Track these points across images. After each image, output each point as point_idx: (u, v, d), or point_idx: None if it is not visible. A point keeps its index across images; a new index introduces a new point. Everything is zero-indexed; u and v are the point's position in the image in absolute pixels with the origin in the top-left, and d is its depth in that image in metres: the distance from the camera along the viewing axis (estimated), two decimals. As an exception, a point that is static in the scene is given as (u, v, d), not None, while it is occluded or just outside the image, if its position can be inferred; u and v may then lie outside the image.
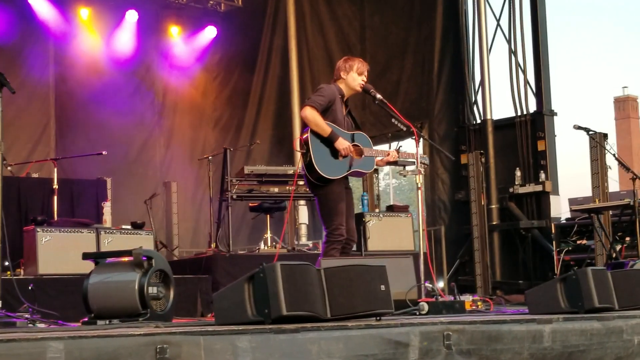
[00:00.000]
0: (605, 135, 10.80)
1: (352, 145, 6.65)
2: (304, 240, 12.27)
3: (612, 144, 10.97)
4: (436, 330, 4.14)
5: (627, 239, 10.19)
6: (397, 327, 4.05)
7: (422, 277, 6.49)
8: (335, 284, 4.29)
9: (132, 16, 14.41)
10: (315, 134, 6.55)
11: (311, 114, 6.51)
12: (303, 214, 12.50)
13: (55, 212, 9.49)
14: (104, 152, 10.26)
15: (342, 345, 3.81)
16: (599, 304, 5.06)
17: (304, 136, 6.61)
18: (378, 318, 4.39)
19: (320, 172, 6.48)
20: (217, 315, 4.34)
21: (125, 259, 5.81)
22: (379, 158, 6.93)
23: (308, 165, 6.53)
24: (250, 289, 4.12)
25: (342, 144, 6.55)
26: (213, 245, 10.52)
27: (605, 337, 4.73)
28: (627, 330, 4.85)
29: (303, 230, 12.49)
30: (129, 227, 9.57)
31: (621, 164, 9.59)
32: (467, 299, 6.66)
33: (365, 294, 4.36)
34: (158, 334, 3.48)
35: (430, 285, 6.76)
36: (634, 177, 9.42)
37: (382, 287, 4.40)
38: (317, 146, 6.54)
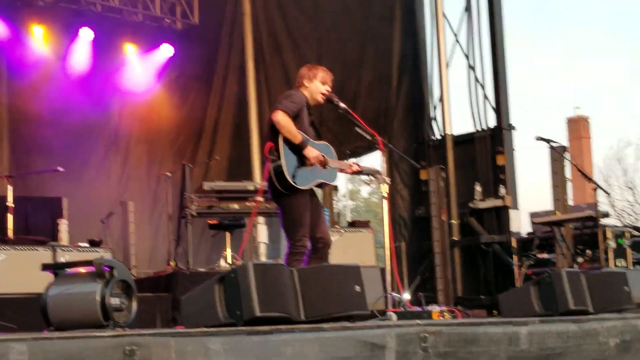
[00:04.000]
0: (564, 148, 10.81)
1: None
2: (263, 259, 12.08)
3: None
4: (413, 332, 4.03)
5: (588, 252, 10.17)
6: (373, 329, 3.94)
7: (389, 288, 6.37)
8: (309, 285, 4.17)
9: (86, 34, 14.19)
10: (286, 140, 6.28)
11: (284, 119, 6.22)
12: (262, 232, 12.30)
13: (11, 230, 9.25)
14: (60, 169, 10.02)
15: (317, 348, 3.68)
16: (574, 306, 4.99)
17: (276, 142, 6.35)
18: (352, 320, 4.26)
19: (291, 181, 6.22)
20: (186, 319, 4.19)
21: (86, 269, 5.60)
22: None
23: (277, 173, 6.30)
24: (221, 290, 3.97)
25: (313, 152, 6.32)
26: (172, 263, 10.29)
27: (582, 339, 4.66)
28: (602, 333, 4.79)
29: (262, 248, 12.29)
30: (86, 244, 9.36)
31: (583, 174, 9.58)
32: (434, 309, 6.59)
33: (339, 295, 4.24)
34: (126, 335, 3.33)
35: (398, 296, 6.65)
36: (596, 187, 9.44)
37: (357, 288, 4.28)
38: (287, 153, 6.29)
